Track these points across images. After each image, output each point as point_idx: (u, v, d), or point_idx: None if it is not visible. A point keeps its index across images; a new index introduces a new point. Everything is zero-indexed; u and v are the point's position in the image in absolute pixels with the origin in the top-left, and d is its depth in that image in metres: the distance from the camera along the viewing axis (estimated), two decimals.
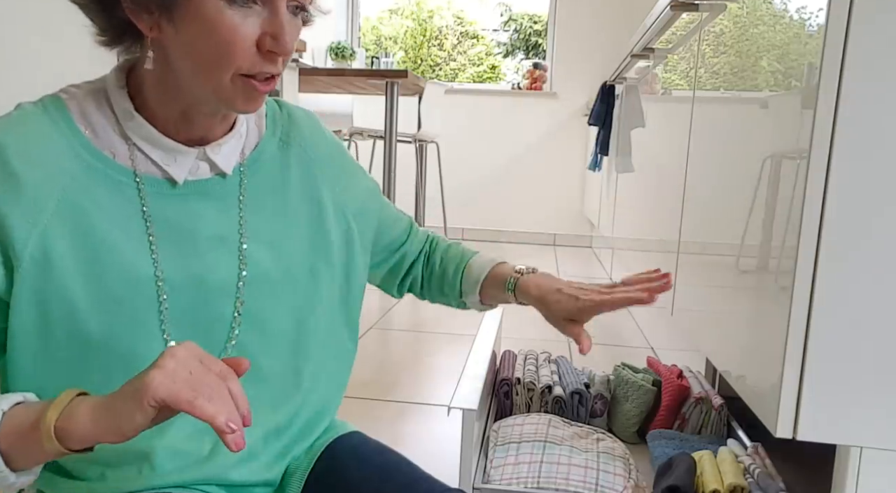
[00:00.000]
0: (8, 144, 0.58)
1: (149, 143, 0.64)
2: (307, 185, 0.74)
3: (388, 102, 3.40)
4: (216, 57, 0.58)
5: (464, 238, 4.93)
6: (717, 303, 1.20)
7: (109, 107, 0.64)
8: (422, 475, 0.74)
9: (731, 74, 1.26)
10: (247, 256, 0.68)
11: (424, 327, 2.46)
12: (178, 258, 0.64)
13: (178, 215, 0.65)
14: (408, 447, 1.32)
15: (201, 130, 0.66)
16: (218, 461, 0.67)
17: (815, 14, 0.83)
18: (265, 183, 0.71)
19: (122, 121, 0.64)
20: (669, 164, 1.74)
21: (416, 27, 7.01)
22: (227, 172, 0.68)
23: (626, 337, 2.43)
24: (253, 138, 0.72)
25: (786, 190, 0.88)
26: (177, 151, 0.65)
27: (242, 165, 0.70)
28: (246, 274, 0.68)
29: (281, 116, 0.76)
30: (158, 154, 0.64)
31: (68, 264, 0.59)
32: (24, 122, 0.60)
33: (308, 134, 0.77)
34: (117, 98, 0.64)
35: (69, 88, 0.65)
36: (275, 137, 0.74)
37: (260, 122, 0.74)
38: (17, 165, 0.58)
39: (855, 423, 0.84)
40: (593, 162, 3.49)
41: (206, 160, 0.67)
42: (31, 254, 0.58)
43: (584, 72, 4.67)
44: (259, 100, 0.63)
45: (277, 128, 0.75)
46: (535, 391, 1.48)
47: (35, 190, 0.58)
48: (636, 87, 2.46)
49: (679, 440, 1.35)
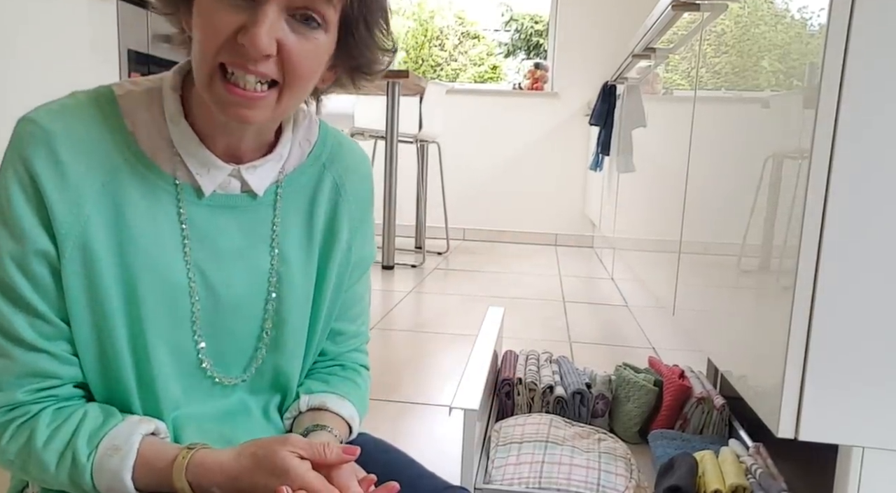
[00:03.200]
0: (57, 131, 0.58)
1: (188, 151, 0.63)
2: (332, 210, 0.73)
3: (390, 102, 3.40)
4: (200, 45, 0.58)
5: (465, 238, 4.94)
6: (719, 303, 1.20)
7: (160, 108, 0.64)
8: (424, 472, 0.74)
9: (733, 74, 1.26)
10: (279, 277, 0.69)
11: (426, 327, 2.46)
12: (202, 266, 0.65)
13: (205, 225, 0.65)
14: (409, 448, 1.32)
15: (235, 140, 0.65)
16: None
17: (817, 14, 0.83)
18: (298, 205, 0.71)
19: (169, 124, 0.63)
20: (671, 164, 1.74)
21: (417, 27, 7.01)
22: (258, 194, 0.67)
23: (628, 337, 2.43)
24: (294, 158, 0.71)
25: (787, 190, 0.88)
26: (211, 164, 0.64)
27: (280, 187, 0.69)
28: (276, 296, 0.69)
29: (330, 142, 0.74)
30: (193, 163, 0.64)
31: (106, 259, 0.60)
32: (74, 111, 0.60)
33: (352, 168, 0.75)
34: (169, 100, 0.64)
35: (125, 82, 0.65)
36: (318, 161, 0.73)
37: (305, 143, 0.72)
38: (64, 153, 0.58)
39: (857, 423, 0.83)
40: (594, 162, 3.49)
41: (239, 178, 0.66)
42: (74, 243, 0.59)
43: (586, 72, 4.66)
44: (245, 107, 0.58)
45: (324, 153, 0.73)
46: (537, 392, 1.48)
47: (78, 179, 0.59)
48: (637, 87, 2.46)
49: (681, 440, 1.35)
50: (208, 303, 0.65)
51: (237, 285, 0.67)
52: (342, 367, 0.80)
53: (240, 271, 0.67)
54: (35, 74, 1.37)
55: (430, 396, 1.79)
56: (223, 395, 0.69)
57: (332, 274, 0.73)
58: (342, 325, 0.78)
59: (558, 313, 2.76)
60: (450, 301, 2.91)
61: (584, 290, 3.26)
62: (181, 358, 0.65)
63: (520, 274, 3.62)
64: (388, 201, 3.51)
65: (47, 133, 0.58)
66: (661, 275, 1.79)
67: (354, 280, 0.77)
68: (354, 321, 0.80)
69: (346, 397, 0.75)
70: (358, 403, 0.76)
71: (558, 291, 3.20)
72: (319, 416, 0.72)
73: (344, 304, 0.77)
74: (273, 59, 0.58)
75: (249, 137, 0.66)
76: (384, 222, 3.52)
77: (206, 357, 0.66)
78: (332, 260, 0.73)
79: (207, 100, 0.60)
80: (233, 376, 0.69)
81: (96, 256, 0.59)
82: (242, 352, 0.69)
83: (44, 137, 0.58)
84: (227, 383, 0.68)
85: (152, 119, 0.63)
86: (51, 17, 1.41)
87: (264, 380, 0.71)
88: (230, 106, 0.59)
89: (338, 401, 0.74)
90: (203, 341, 0.65)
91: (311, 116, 0.74)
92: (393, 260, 3.60)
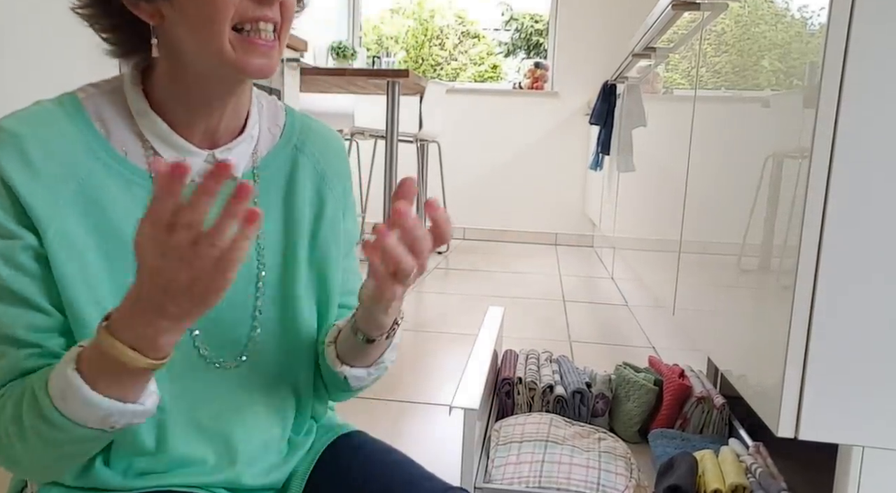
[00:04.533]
0: (25, 134, 0.59)
1: (162, 140, 0.64)
2: (313, 192, 0.74)
3: (390, 101, 3.40)
4: (208, 12, 0.58)
5: (465, 238, 4.94)
6: (719, 302, 1.20)
7: (124, 105, 0.65)
8: (424, 473, 0.74)
9: (733, 74, 1.26)
10: (265, 260, 0.69)
11: (426, 326, 2.46)
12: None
13: None
14: (409, 447, 1.32)
15: (214, 122, 0.66)
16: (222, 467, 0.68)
17: (817, 13, 0.83)
18: (276, 187, 0.72)
19: (136, 118, 0.64)
20: (671, 163, 1.74)
21: (417, 27, 7.01)
22: (236, 175, 0.68)
23: (628, 336, 2.43)
24: (266, 142, 0.72)
25: (787, 189, 0.88)
26: (187, 151, 0.65)
27: (255, 168, 0.71)
28: (265, 274, 0.69)
29: (298, 125, 0.76)
30: (169, 153, 0.65)
31: (90, 254, 0.60)
32: (41, 117, 0.61)
33: (324, 145, 0.77)
34: (132, 96, 0.65)
35: (87, 86, 0.65)
36: (290, 143, 0.74)
37: (275, 127, 0.74)
38: (34, 154, 0.59)
39: (857, 422, 0.83)
40: (594, 161, 3.49)
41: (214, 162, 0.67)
42: (54, 235, 0.58)
43: (586, 71, 4.66)
44: (265, 57, 0.61)
45: (294, 135, 0.75)
46: (537, 391, 1.48)
47: (51, 180, 0.59)
48: (637, 86, 2.45)
49: (681, 439, 1.35)
50: None
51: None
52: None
53: None
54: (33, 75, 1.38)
55: (430, 395, 1.79)
56: (224, 378, 0.68)
57: (329, 250, 0.74)
58: (345, 299, 0.79)
59: (558, 312, 2.76)
60: (450, 301, 2.91)
61: (584, 289, 3.26)
62: (177, 348, 0.64)
63: (520, 274, 3.62)
64: (389, 201, 3.51)
65: (16, 137, 0.58)
66: (661, 275, 1.79)
67: (344, 254, 0.78)
68: (354, 294, 0.80)
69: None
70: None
71: (558, 290, 3.20)
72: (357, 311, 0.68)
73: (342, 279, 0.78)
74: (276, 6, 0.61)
75: (228, 116, 0.67)
76: (384, 222, 3.51)
77: (203, 344, 0.66)
78: (320, 237, 0.73)
79: (221, 64, 0.60)
80: (231, 360, 0.69)
81: (80, 249, 0.59)
82: (238, 335, 0.69)
83: (12, 140, 0.58)
84: (227, 367, 0.68)
85: (119, 117, 0.64)
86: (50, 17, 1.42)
87: (266, 359, 0.71)
88: (254, 61, 0.60)
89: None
90: (196, 329, 0.66)
91: (275, 101, 0.76)
92: None
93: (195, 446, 0.67)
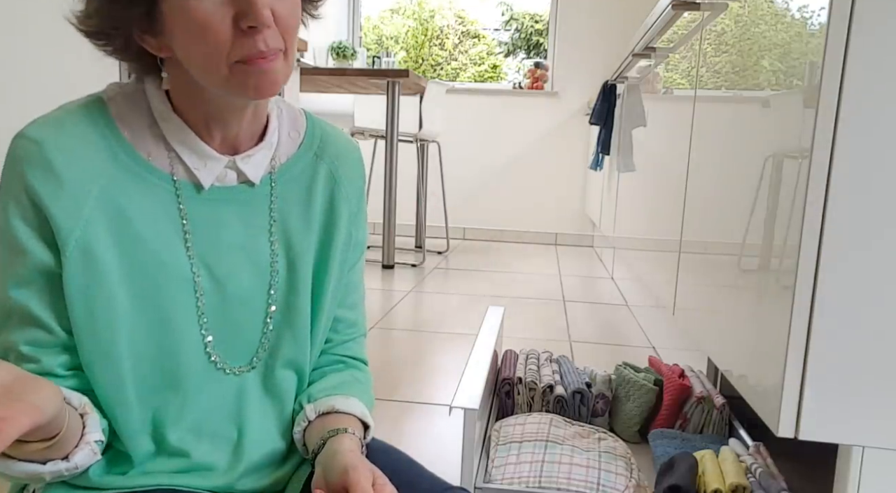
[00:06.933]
0: (47, 139, 0.59)
1: (184, 145, 0.65)
2: (329, 199, 0.74)
3: (390, 101, 3.40)
4: (205, 50, 0.58)
5: (465, 238, 4.94)
6: (719, 302, 1.20)
7: (147, 108, 0.65)
8: (424, 473, 0.74)
9: (733, 73, 1.26)
10: (279, 267, 0.70)
11: (426, 326, 2.46)
12: (206, 260, 0.66)
13: (206, 219, 0.66)
14: (409, 447, 1.32)
15: (233, 132, 0.66)
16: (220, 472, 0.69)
17: (817, 13, 0.83)
18: (294, 193, 0.72)
19: (160, 122, 0.64)
20: (671, 163, 1.74)
21: (417, 27, 7.00)
22: (255, 182, 0.68)
23: (628, 336, 2.43)
24: (285, 148, 0.72)
25: (787, 189, 0.88)
26: (208, 157, 0.65)
27: (273, 175, 0.71)
28: (279, 283, 0.69)
29: (318, 133, 0.76)
30: (191, 158, 0.65)
31: (110, 260, 0.60)
32: (64, 121, 0.61)
33: (343, 155, 0.76)
34: (156, 100, 0.65)
35: (111, 86, 0.65)
36: (310, 150, 0.74)
37: (294, 133, 0.74)
38: (57, 160, 0.59)
39: (857, 422, 0.83)
40: (595, 161, 3.49)
41: (234, 169, 0.67)
42: (75, 245, 0.59)
43: (586, 71, 4.66)
44: (266, 79, 0.59)
45: (314, 142, 0.75)
46: (537, 391, 1.48)
47: (74, 186, 0.59)
48: (637, 86, 2.45)
49: (681, 439, 1.35)
50: (215, 297, 0.66)
51: (242, 276, 0.67)
52: (344, 365, 0.79)
53: (243, 263, 0.68)
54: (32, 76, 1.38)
55: (430, 395, 1.79)
56: (233, 383, 0.69)
57: (335, 261, 0.74)
58: (341, 312, 0.78)
59: (558, 312, 2.76)
60: (450, 301, 2.91)
61: (584, 289, 3.26)
62: (189, 352, 0.65)
63: (520, 274, 3.62)
64: (389, 201, 3.51)
65: (39, 144, 0.59)
66: (661, 274, 1.79)
67: (350, 265, 0.78)
68: (353, 309, 0.80)
69: (351, 394, 0.74)
70: (364, 398, 0.75)
71: (558, 290, 3.20)
72: (332, 420, 0.69)
73: (341, 291, 0.77)
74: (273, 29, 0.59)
75: (246, 125, 0.67)
76: (384, 222, 3.52)
77: (215, 351, 0.67)
78: (333, 247, 0.73)
79: (227, 92, 0.60)
80: (242, 365, 0.69)
81: (99, 257, 0.60)
82: (249, 341, 0.69)
83: (36, 149, 0.59)
84: (237, 373, 0.69)
85: (143, 120, 0.64)
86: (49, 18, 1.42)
87: (274, 365, 0.71)
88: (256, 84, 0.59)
89: (345, 400, 0.72)
90: (210, 335, 0.66)
91: (296, 108, 0.76)
92: (393, 259, 3.60)
93: (202, 449, 0.67)
